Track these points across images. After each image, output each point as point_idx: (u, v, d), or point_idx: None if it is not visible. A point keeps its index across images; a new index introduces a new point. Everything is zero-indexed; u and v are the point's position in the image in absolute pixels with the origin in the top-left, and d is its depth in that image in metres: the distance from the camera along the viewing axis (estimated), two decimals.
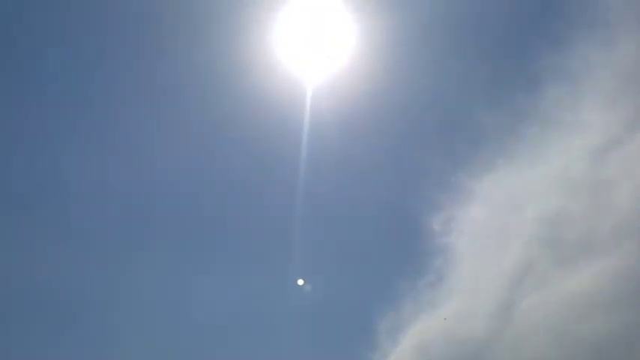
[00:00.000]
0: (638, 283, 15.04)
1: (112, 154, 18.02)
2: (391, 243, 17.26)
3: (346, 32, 16.33)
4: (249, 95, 16.46)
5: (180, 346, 16.89)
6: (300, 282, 16.77)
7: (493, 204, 16.51)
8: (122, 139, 18.07)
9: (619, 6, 15.55)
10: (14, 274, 16.57)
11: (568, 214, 15.68)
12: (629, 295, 15.09)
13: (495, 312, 16.33)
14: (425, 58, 16.31)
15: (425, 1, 16.19)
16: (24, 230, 17.26)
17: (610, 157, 15.58)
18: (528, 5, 16.10)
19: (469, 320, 16.39)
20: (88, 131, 18.15)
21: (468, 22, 16.13)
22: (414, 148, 17.25)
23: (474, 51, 16.50)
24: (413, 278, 16.87)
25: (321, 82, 16.59)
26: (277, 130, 16.63)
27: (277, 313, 17.47)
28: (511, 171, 16.41)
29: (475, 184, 16.52)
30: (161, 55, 16.80)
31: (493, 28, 16.32)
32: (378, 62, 16.47)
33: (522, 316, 16.10)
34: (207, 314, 17.33)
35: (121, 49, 17.32)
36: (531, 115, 16.04)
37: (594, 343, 15.07)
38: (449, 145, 16.79)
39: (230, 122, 16.80)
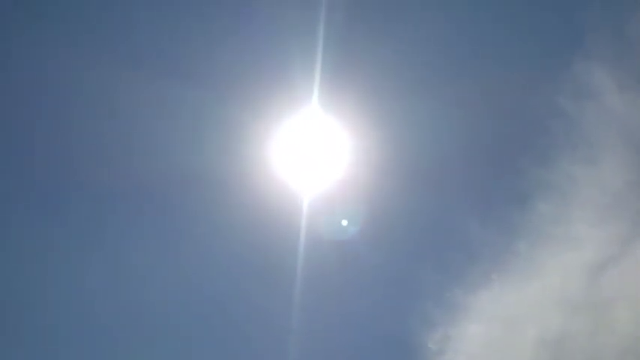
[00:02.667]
0: None
1: (102, 262, 17.38)
2: None
3: (341, 146, 16.56)
4: (244, 206, 16.18)
5: None
6: None
7: (490, 321, 15.87)
8: (113, 247, 17.48)
9: (601, 127, 16.13)
10: None
11: (569, 334, 15.05)
12: None
13: None
14: (417, 175, 16.38)
15: (420, 121, 16.60)
16: None
17: (606, 275, 15.30)
18: (513, 125, 16.43)
19: None
20: (78, 238, 17.63)
21: (459, 143, 16.55)
22: (407, 263, 16.88)
23: (465, 168, 16.70)
24: None
25: (317, 194, 16.56)
26: (273, 241, 16.37)
27: None
28: (507, 287, 15.92)
29: (471, 300, 15.99)
30: (155, 164, 16.58)
31: (481, 146, 16.60)
32: (372, 177, 16.58)
33: None
34: None
35: (116, 155, 17.01)
36: (524, 231, 15.81)
37: None
38: (443, 261, 16.42)
39: (225, 232, 16.49)
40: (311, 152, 16.77)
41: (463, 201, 16.76)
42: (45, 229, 17.30)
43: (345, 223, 17.09)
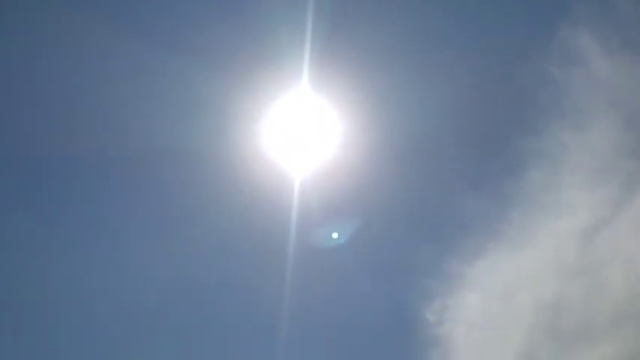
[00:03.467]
0: None
1: (98, 254, 17.48)
2: (383, 336, 16.65)
3: (333, 125, 16.57)
4: (236, 186, 16.24)
5: None
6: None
7: (486, 290, 16.04)
8: (110, 238, 17.49)
9: (588, 93, 16.23)
10: None
11: (564, 299, 15.27)
12: None
13: None
14: (409, 151, 16.45)
15: (409, 97, 16.61)
16: None
17: (600, 238, 15.49)
18: (500, 95, 16.52)
19: None
20: (77, 232, 17.62)
21: (451, 115, 16.54)
22: (402, 236, 17.04)
23: (456, 141, 16.79)
24: None
25: (308, 173, 16.60)
26: (264, 220, 16.39)
27: None
28: (502, 256, 16.10)
29: (466, 270, 16.10)
30: (145, 140, 16.58)
31: (471, 118, 16.68)
32: (365, 153, 16.63)
33: None
34: None
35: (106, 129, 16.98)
36: (517, 199, 15.97)
37: None
38: (437, 232, 16.60)
39: (216, 212, 16.51)
40: (301, 132, 16.83)
41: (455, 173, 16.89)
42: (33, 201, 17.41)
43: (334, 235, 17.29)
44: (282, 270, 16.21)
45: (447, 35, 17.29)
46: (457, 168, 16.89)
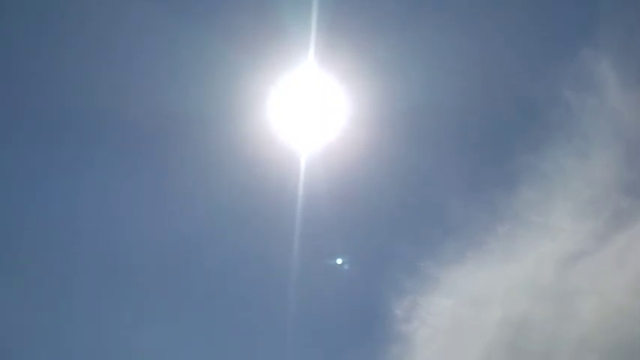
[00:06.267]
0: None
1: (103, 223, 17.42)
2: (348, 325, 16.79)
3: (340, 101, 16.51)
4: (243, 161, 16.30)
5: None
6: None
7: (458, 297, 16.12)
8: (108, 191, 17.32)
9: (597, 122, 16.09)
10: None
11: (532, 320, 15.38)
12: None
13: None
14: (406, 145, 16.44)
15: (412, 92, 16.38)
16: None
17: (578, 267, 15.54)
18: (509, 107, 16.44)
19: None
20: (83, 196, 17.46)
21: (454, 114, 16.45)
22: (386, 229, 17.09)
23: (458, 146, 16.75)
24: None
25: (314, 149, 16.59)
26: (271, 196, 16.43)
27: None
28: (479, 266, 16.17)
29: (442, 274, 16.29)
30: (154, 124, 16.57)
31: (476, 125, 16.57)
32: (365, 136, 16.57)
33: None
34: None
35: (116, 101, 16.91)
36: (505, 214, 16.00)
37: None
38: (421, 231, 16.62)
39: (223, 192, 16.54)
40: (308, 109, 16.74)
41: (450, 176, 16.83)
42: (40, 162, 17.40)
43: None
44: (288, 242, 16.34)
45: (463, 35, 16.96)
46: (453, 171, 16.86)
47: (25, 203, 16.96)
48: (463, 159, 16.74)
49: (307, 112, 16.76)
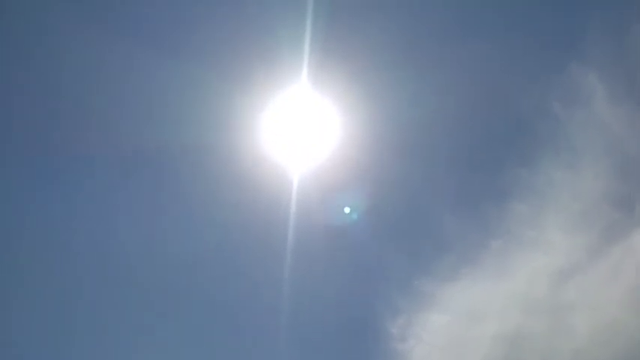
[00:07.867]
0: None
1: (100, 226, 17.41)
2: (345, 346, 16.85)
3: (332, 122, 16.58)
4: (235, 182, 16.21)
5: None
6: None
7: (453, 313, 16.15)
8: (107, 241, 17.27)
9: (587, 135, 16.13)
10: None
11: (526, 335, 15.43)
12: None
13: None
14: (398, 163, 16.41)
15: (403, 109, 16.51)
16: None
17: (571, 281, 15.61)
18: (499, 122, 16.60)
19: None
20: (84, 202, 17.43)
21: (445, 131, 16.51)
22: (379, 246, 17.09)
23: (448, 161, 16.79)
24: None
25: (307, 170, 16.63)
26: (263, 218, 16.39)
27: None
28: (474, 282, 16.16)
29: (437, 291, 16.33)
30: (146, 136, 16.53)
31: (466, 140, 16.64)
32: (358, 156, 16.61)
33: None
34: None
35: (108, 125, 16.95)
36: (498, 229, 16.01)
37: None
38: (414, 247, 16.61)
39: (214, 212, 16.43)
40: (300, 129, 16.73)
41: (442, 192, 16.89)
42: (36, 190, 17.36)
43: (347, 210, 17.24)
44: (279, 265, 16.32)
45: (454, 48, 17.00)
46: (445, 188, 16.89)
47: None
48: (454, 175, 16.75)
49: (300, 132, 16.75)
